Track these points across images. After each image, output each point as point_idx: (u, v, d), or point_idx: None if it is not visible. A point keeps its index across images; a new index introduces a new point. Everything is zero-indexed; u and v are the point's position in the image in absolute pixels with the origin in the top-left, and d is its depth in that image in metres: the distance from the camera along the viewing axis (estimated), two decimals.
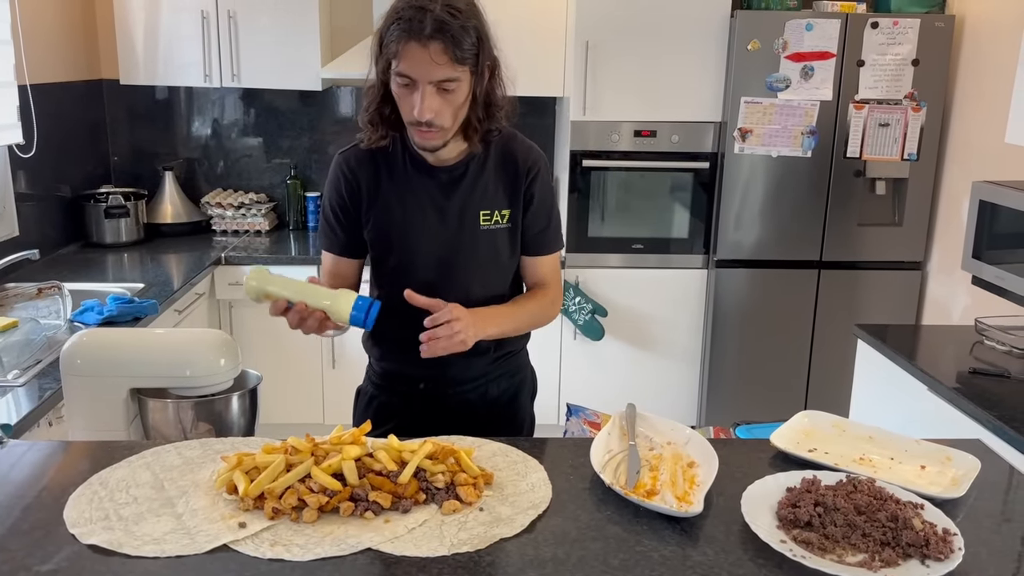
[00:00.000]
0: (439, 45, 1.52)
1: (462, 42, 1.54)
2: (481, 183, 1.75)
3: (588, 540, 1.19)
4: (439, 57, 1.53)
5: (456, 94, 1.59)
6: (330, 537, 1.17)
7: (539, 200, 1.79)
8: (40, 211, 3.55)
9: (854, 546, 1.15)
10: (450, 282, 1.76)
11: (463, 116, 1.65)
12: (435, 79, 1.55)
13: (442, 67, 1.54)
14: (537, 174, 1.78)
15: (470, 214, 1.74)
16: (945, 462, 1.44)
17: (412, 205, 1.74)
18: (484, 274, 1.79)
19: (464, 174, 1.74)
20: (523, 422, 1.95)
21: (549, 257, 1.85)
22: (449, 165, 1.74)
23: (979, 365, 2.47)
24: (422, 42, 1.52)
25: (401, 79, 1.58)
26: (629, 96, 3.67)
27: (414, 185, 1.74)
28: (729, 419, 3.51)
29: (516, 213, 1.78)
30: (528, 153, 1.79)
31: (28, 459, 1.42)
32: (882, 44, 3.56)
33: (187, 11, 3.72)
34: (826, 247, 3.76)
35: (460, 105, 1.62)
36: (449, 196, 1.74)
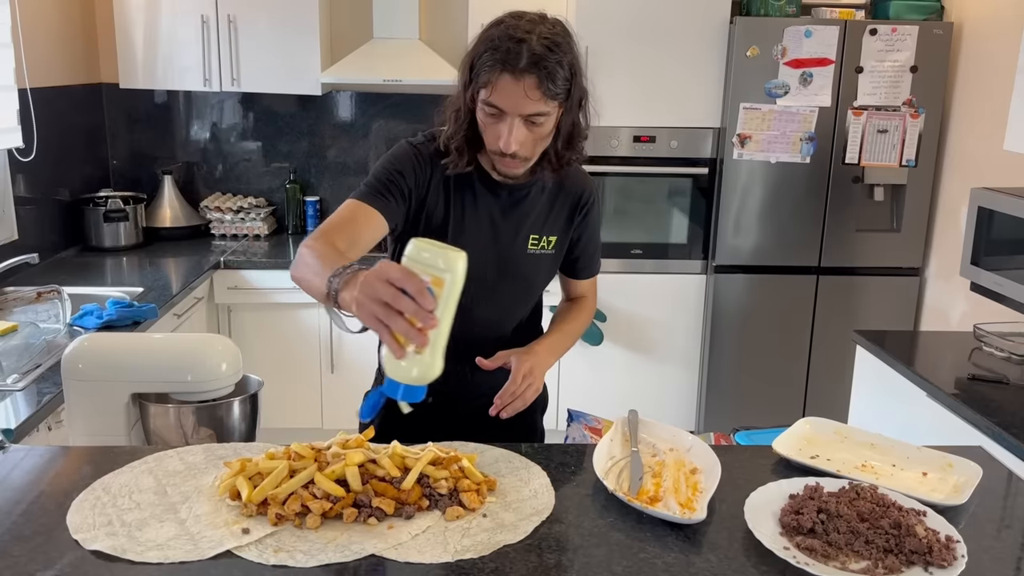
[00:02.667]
0: (533, 80, 1.49)
1: (556, 77, 1.51)
2: (539, 208, 1.76)
3: (591, 547, 1.19)
4: (532, 92, 1.50)
5: (543, 127, 1.58)
6: (333, 543, 1.17)
7: (591, 230, 1.84)
8: (39, 215, 3.54)
9: (857, 553, 1.15)
10: (482, 298, 1.72)
11: (545, 146, 1.64)
12: (525, 113, 1.53)
13: (534, 102, 1.51)
14: (591, 206, 1.82)
15: (520, 236, 1.75)
16: (947, 469, 1.44)
17: (468, 216, 1.73)
18: (517, 295, 1.81)
19: (525, 197, 1.74)
20: (533, 437, 1.95)
21: (593, 280, 1.94)
22: (512, 185, 1.72)
23: (978, 371, 2.47)
24: (516, 75, 1.49)
25: (490, 108, 1.55)
26: (628, 102, 3.68)
27: (475, 197, 1.73)
28: (728, 425, 3.52)
29: (563, 241, 1.80)
30: (586, 184, 1.81)
31: (30, 464, 1.42)
32: (880, 51, 3.57)
33: (187, 15, 3.73)
34: (824, 253, 3.77)
35: (545, 137, 1.61)
36: (506, 215, 1.74)
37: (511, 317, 1.83)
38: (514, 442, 1.71)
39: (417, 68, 3.79)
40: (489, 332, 1.80)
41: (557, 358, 1.81)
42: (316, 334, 3.75)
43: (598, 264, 1.93)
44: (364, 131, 4.23)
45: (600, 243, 1.92)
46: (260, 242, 4.06)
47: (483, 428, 1.76)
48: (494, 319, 1.78)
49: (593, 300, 1.95)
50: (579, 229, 1.81)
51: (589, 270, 1.90)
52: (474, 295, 1.74)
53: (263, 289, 3.70)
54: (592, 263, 1.90)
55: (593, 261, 1.90)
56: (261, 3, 3.72)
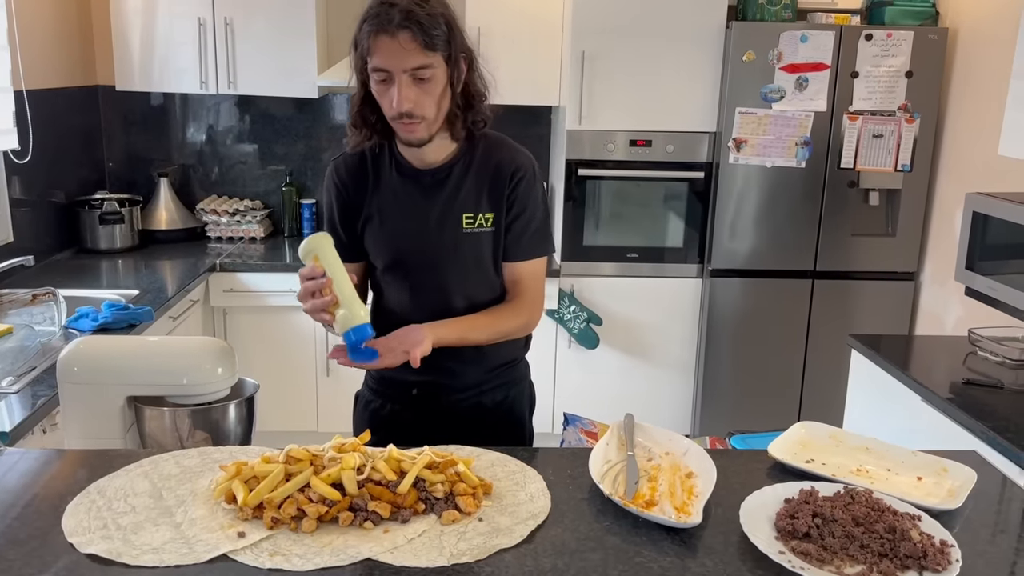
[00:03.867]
0: (408, 33, 1.56)
1: (431, 29, 1.57)
2: (465, 186, 1.76)
3: (587, 550, 1.19)
4: (409, 45, 1.56)
5: (432, 83, 1.62)
6: (329, 547, 1.17)
7: (521, 204, 1.77)
8: (35, 217, 3.54)
9: (852, 557, 1.16)
10: (436, 284, 1.78)
11: (445, 108, 1.67)
12: (408, 67, 1.58)
13: (413, 54, 1.57)
14: (522, 178, 1.76)
15: (452, 217, 1.76)
16: (941, 473, 1.44)
17: (397, 209, 1.77)
18: (468, 277, 1.79)
19: (448, 176, 1.76)
20: (521, 435, 1.95)
21: (527, 263, 1.80)
22: (434, 168, 1.76)
23: (972, 376, 2.48)
24: (391, 32, 1.56)
25: (378, 75, 1.61)
26: (625, 106, 3.69)
27: (399, 189, 1.77)
28: (724, 428, 3.52)
29: (500, 217, 1.77)
30: (514, 157, 1.78)
31: (24, 467, 1.42)
32: (876, 56, 3.58)
33: (184, 18, 3.72)
34: (820, 257, 3.78)
35: (439, 95, 1.64)
36: (432, 198, 1.76)
37: (476, 300, 1.80)
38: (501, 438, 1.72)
39: None
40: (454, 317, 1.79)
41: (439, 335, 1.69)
42: (311, 337, 3.75)
43: (532, 248, 1.79)
44: None
45: (541, 226, 1.79)
46: (256, 245, 4.05)
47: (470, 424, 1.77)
48: (457, 304, 1.78)
49: (532, 295, 1.81)
50: (510, 202, 1.76)
51: (518, 250, 1.78)
52: (429, 281, 1.77)
53: (259, 292, 3.69)
54: (521, 243, 1.77)
55: (523, 241, 1.77)
56: (258, 6, 3.72)
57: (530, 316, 1.82)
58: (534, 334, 1.91)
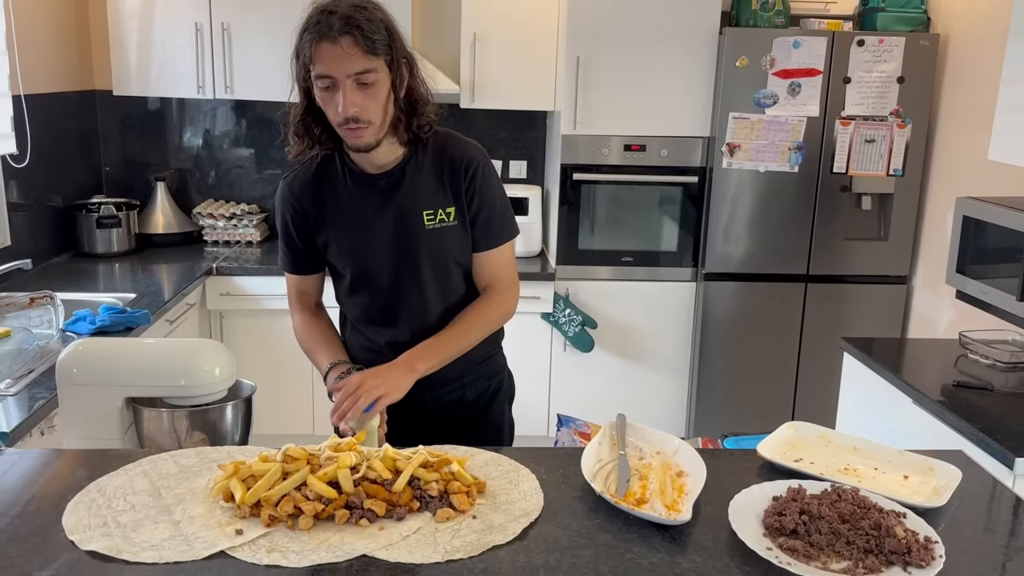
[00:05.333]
0: (350, 39, 1.59)
1: (372, 34, 1.61)
2: (420, 184, 1.79)
3: (579, 547, 1.21)
4: (351, 49, 1.59)
5: (376, 88, 1.65)
6: (326, 544, 1.19)
7: (481, 196, 1.81)
8: (32, 221, 3.55)
9: (838, 553, 1.18)
10: (406, 286, 1.81)
11: (390, 113, 1.70)
12: (352, 72, 1.61)
13: (356, 59, 1.60)
14: (476, 170, 1.79)
15: (413, 215, 1.78)
16: (928, 472, 1.47)
17: (357, 216, 1.79)
18: (439, 274, 1.82)
19: (402, 177, 1.79)
20: (502, 427, 1.97)
21: (497, 250, 1.85)
22: (387, 171, 1.78)
23: (963, 378, 2.51)
24: (332, 39, 1.59)
25: (322, 82, 1.63)
26: (619, 111, 3.71)
27: (356, 196, 1.79)
28: (717, 431, 3.54)
29: (461, 209, 1.80)
30: (464, 151, 1.81)
31: (25, 467, 1.44)
32: (868, 61, 3.61)
33: (181, 23, 3.74)
34: (813, 261, 3.80)
35: (384, 100, 1.67)
36: (390, 200, 1.78)
37: (450, 298, 1.84)
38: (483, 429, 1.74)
39: None
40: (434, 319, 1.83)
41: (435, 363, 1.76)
42: None
43: (503, 234, 1.84)
44: None
45: (503, 211, 1.84)
46: (252, 248, 4.07)
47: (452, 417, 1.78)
48: (432, 304, 1.82)
49: (506, 285, 1.86)
50: (469, 195, 1.79)
51: (487, 239, 1.83)
52: (399, 283, 1.80)
53: (255, 295, 3.71)
54: (489, 232, 1.82)
55: (490, 230, 1.82)
56: (255, 11, 3.74)
57: (511, 301, 1.87)
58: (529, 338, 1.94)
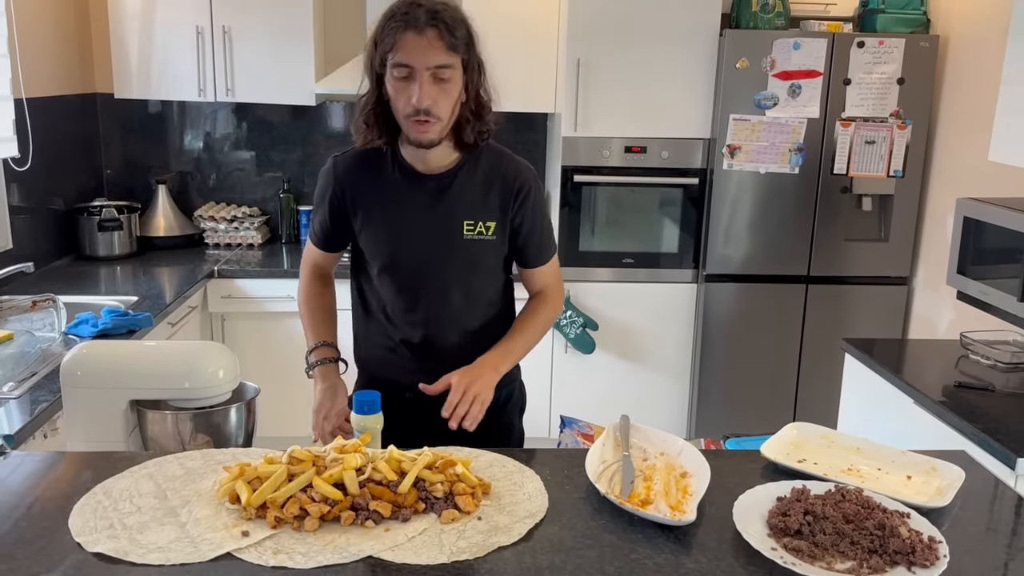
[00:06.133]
0: (435, 32, 1.63)
1: (455, 31, 1.65)
2: (467, 193, 1.80)
3: (584, 548, 1.21)
4: (435, 43, 1.62)
5: (451, 84, 1.67)
6: (331, 545, 1.19)
7: (531, 218, 1.86)
8: (34, 224, 3.56)
9: (843, 553, 1.18)
10: (431, 288, 1.83)
11: (456, 112, 1.72)
12: (432, 64, 1.63)
13: (438, 52, 1.63)
14: (528, 193, 1.84)
15: (454, 223, 1.80)
16: (931, 472, 1.47)
17: (397, 211, 1.81)
18: (466, 283, 1.84)
19: (451, 184, 1.80)
20: (511, 436, 1.98)
21: (547, 265, 1.93)
22: (437, 174, 1.80)
23: (964, 379, 2.51)
24: (418, 30, 1.62)
25: (399, 71, 1.65)
26: (620, 113, 3.72)
27: (401, 191, 1.80)
28: (719, 432, 3.53)
29: (503, 227, 1.83)
30: (518, 172, 1.84)
31: (30, 469, 1.44)
32: (868, 63, 3.62)
33: (182, 26, 3.75)
34: (813, 262, 3.81)
35: (455, 99, 1.69)
36: (434, 204, 1.80)
37: (472, 308, 1.86)
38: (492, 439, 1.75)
39: None
40: (453, 325, 1.86)
41: (511, 364, 1.84)
42: None
43: (550, 250, 1.94)
44: None
45: (549, 228, 1.93)
46: (254, 251, 4.07)
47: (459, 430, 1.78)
48: (454, 311, 1.84)
49: (555, 290, 1.97)
50: (520, 216, 1.83)
51: (540, 256, 1.91)
52: (424, 284, 1.81)
53: (257, 298, 3.71)
54: (542, 249, 1.91)
55: (543, 247, 1.91)
56: (255, 14, 3.75)
57: (560, 302, 1.98)
58: None
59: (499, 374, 1.81)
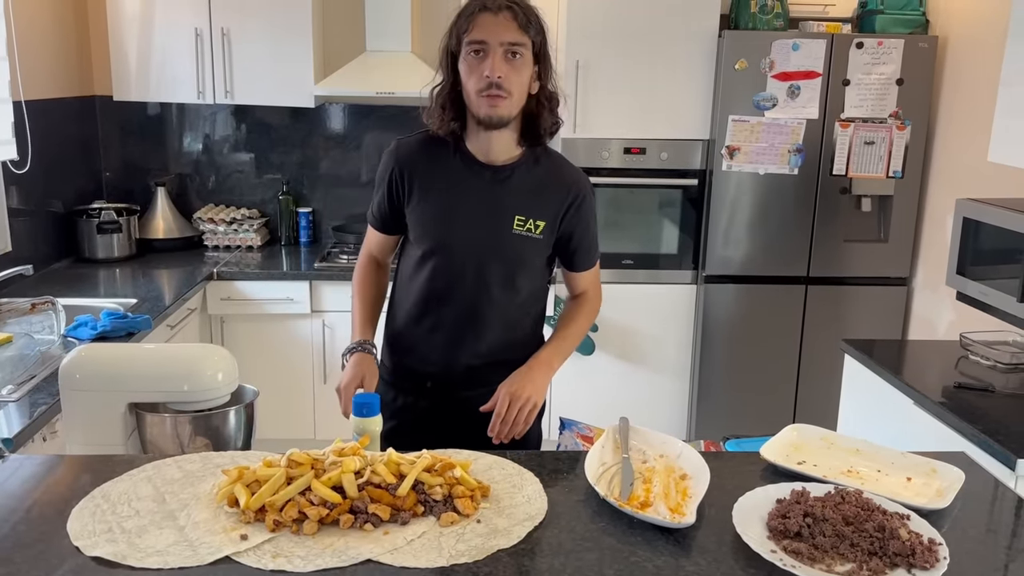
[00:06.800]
0: (509, 13, 1.71)
1: (528, 16, 1.73)
2: (523, 189, 1.84)
3: (583, 551, 1.21)
4: (509, 23, 1.70)
5: (523, 63, 1.73)
6: (330, 549, 1.19)
7: (584, 223, 1.91)
8: (33, 226, 3.55)
9: (842, 556, 1.18)
10: (474, 277, 1.85)
11: (526, 95, 1.77)
12: (505, 40, 1.69)
13: (511, 30, 1.70)
14: (584, 200, 1.90)
15: (505, 216, 1.83)
16: (930, 474, 1.47)
17: (452, 195, 1.84)
18: (509, 276, 1.87)
19: (509, 177, 1.84)
20: (529, 436, 1.95)
21: (592, 270, 2.02)
22: (497, 165, 1.83)
23: (964, 379, 2.51)
24: (494, 11, 1.71)
25: (473, 46, 1.71)
26: (619, 114, 3.72)
27: (459, 178, 1.84)
28: (719, 433, 3.54)
29: (552, 228, 1.87)
30: (578, 178, 1.91)
31: (29, 473, 1.44)
32: (867, 64, 3.62)
33: (180, 28, 3.75)
34: (813, 263, 3.81)
35: (526, 79, 1.75)
36: (489, 193, 1.83)
37: (509, 303, 1.88)
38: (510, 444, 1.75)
39: (409, 80, 3.82)
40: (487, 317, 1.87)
41: (563, 361, 1.91)
42: (308, 345, 3.77)
43: (596, 256, 2.01)
44: (356, 143, 4.26)
45: (596, 235, 1.98)
46: (253, 253, 4.07)
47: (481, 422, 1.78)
48: (491, 303, 1.86)
49: (595, 293, 2.04)
50: (572, 222, 1.88)
51: (587, 262, 1.98)
52: (468, 272, 1.82)
53: (256, 300, 3.71)
54: (590, 255, 1.98)
55: (590, 253, 1.98)
56: (255, 16, 3.75)
57: (600, 302, 2.06)
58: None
59: (553, 371, 1.86)
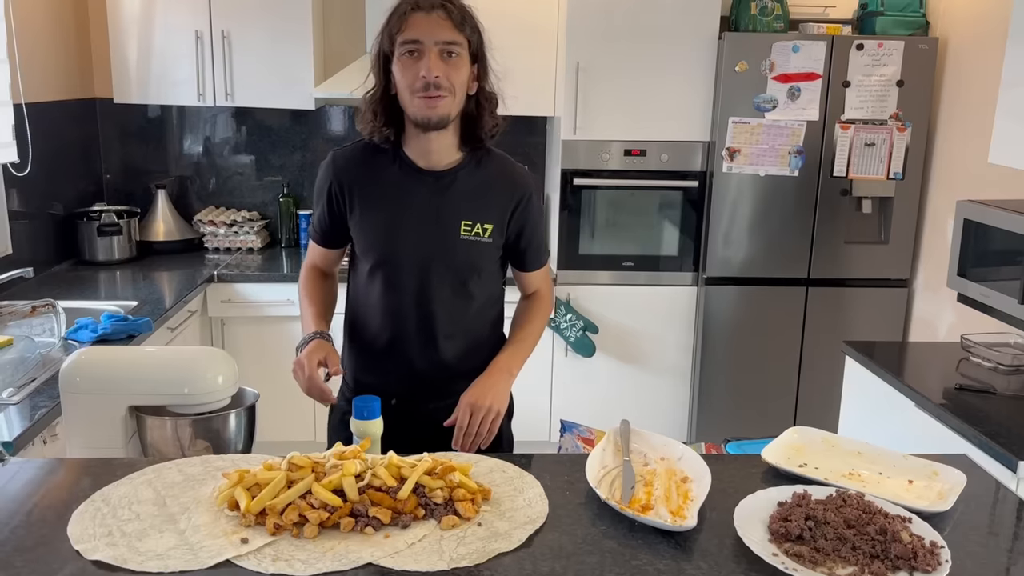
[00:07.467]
0: (442, 11, 1.67)
1: (463, 15, 1.70)
2: (468, 193, 1.80)
3: (584, 554, 1.21)
4: (443, 22, 1.67)
5: (459, 62, 1.70)
6: (331, 552, 1.19)
7: (532, 223, 1.88)
8: (34, 229, 3.55)
9: (844, 559, 1.18)
10: (425, 286, 1.81)
11: (463, 96, 1.74)
12: (440, 39, 1.66)
13: (445, 29, 1.67)
14: (530, 199, 1.86)
15: (452, 222, 1.79)
16: (932, 477, 1.47)
17: (395, 205, 1.80)
18: (462, 283, 1.83)
19: (452, 182, 1.80)
20: (501, 441, 1.93)
21: (543, 268, 1.98)
22: (438, 171, 1.80)
23: (965, 381, 2.51)
24: (427, 10, 1.67)
25: (407, 46, 1.67)
26: (619, 116, 3.72)
27: (401, 186, 1.80)
28: (720, 435, 3.53)
29: (500, 230, 1.83)
30: (522, 178, 1.88)
31: (29, 476, 1.43)
32: (867, 65, 3.62)
33: (181, 30, 3.75)
34: (814, 265, 3.80)
35: (464, 77, 1.72)
36: (433, 201, 1.79)
37: (465, 310, 1.85)
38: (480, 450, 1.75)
39: None
40: (444, 328, 1.84)
41: (522, 364, 1.87)
42: None
43: (546, 254, 1.99)
44: None
45: (544, 235, 1.98)
46: (253, 255, 4.07)
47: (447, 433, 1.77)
48: (446, 312, 1.83)
49: (548, 291, 2.01)
50: (520, 222, 1.86)
51: (537, 261, 1.95)
52: (418, 282, 1.80)
53: (256, 302, 3.71)
54: (540, 254, 1.95)
55: (540, 252, 1.95)
56: (255, 18, 3.75)
57: (552, 304, 2.03)
58: None
59: (513, 376, 1.82)
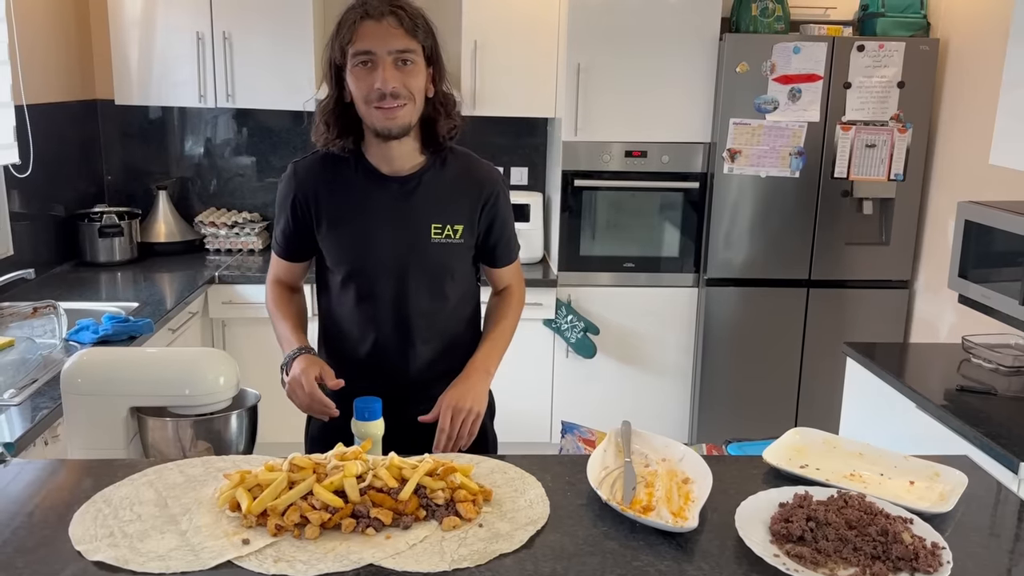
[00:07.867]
0: (393, 19, 1.63)
1: (415, 20, 1.66)
2: (434, 197, 1.78)
3: (586, 555, 1.21)
4: (395, 30, 1.63)
5: (415, 69, 1.66)
6: (332, 553, 1.19)
7: (501, 219, 1.87)
8: (34, 230, 3.56)
9: (845, 560, 1.18)
10: (401, 293, 1.80)
11: (422, 102, 1.71)
12: (393, 48, 1.63)
13: (398, 37, 1.63)
14: (498, 195, 1.84)
15: (421, 226, 1.78)
16: (933, 478, 1.47)
17: (361, 214, 1.78)
18: (436, 286, 1.82)
19: (417, 187, 1.78)
20: (485, 442, 1.93)
21: (513, 264, 1.96)
22: (402, 176, 1.78)
23: (966, 382, 2.51)
24: (377, 19, 1.63)
25: (360, 57, 1.64)
26: (620, 117, 3.72)
27: (366, 194, 1.78)
28: (721, 436, 3.54)
29: (471, 230, 1.82)
30: (489, 175, 1.85)
31: (30, 477, 1.44)
32: (868, 67, 3.62)
33: (182, 32, 3.75)
34: (814, 266, 3.80)
35: (421, 84, 1.69)
36: (400, 207, 1.77)
37: (440, 314, 1.84)
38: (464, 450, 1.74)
39: None
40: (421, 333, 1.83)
41: (499, 361, 1.85)
42: None
43: (516, 249, 1.96)
44: None
45: (513, 230, 1.94)
46: (254, 257, 4.07)
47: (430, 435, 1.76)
48: (422, 318, 1.81)
49: (519, 286, 1.99)
50: (489, 219, 1.84)
51: (508, 256, 1.93)
52: (391, 289, 1.78)
53: (257, 303, 3.71)
54: (510, 250, 1.94)
55: (511, 247, 1.94)
56: (256, 20, 3.75)
57: (524, 297, 2.00)
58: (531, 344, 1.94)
59: (491, 375, 1.80)
